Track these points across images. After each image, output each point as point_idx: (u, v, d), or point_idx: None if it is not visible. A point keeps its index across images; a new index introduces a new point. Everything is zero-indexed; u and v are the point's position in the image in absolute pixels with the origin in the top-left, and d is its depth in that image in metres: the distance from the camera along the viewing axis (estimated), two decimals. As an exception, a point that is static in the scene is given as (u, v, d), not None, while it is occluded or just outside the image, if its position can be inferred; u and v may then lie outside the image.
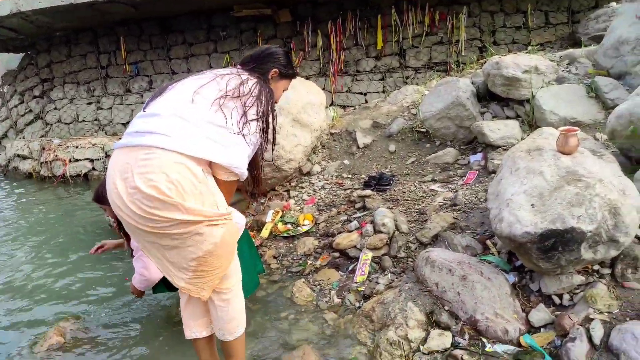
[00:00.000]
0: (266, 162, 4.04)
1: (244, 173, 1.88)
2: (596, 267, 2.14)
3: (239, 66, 2.05)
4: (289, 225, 3.75)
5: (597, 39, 5.01)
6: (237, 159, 1.83)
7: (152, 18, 8.74)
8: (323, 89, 7.57)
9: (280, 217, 3.93)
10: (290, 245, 3.56)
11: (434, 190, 3.81)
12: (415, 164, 4.57)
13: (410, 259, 2.90)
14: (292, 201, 4.27)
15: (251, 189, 2.18)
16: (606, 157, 2.44)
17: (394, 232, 3.18)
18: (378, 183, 4.12)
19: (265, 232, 3.73)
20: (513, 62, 4.25)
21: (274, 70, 2.10)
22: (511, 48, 7.41)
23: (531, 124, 4.07)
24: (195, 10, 8.11)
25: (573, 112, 3.88)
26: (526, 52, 5.93)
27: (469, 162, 4.20)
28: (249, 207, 4.31)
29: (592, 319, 1.90)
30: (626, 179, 2.20)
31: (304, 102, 4.54)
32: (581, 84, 4.18)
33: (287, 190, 4.51)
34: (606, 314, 1.91)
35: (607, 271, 2.11)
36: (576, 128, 2.39)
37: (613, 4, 6.16)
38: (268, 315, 2.74)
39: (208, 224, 1.76)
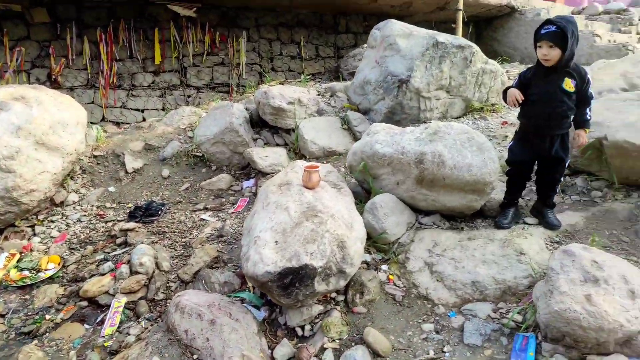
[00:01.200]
0: (-5, 195, 3.29)
1: None
2: (334, 294, 2.34)
3: None
4: (26, 272, 3.09)
5: (354, 75, 5.73)
6: None
7: None
8: (92, 102, 6.74)
9: (17, 262, 3.23)
10: (26, 297, 2.94)
11: (204, 219, 3.70)
12: (189, 190, 4.39)
13: (169, 301, 2.69)
14: (36, 239, 3.57)
15: None
16: (344, 190, 2.73)
17: (153, 272, 2.93)
18: (145, 214, 3.79)
19: (-9, 284, 3.00)
20: (279, 93, 4.51)
21: None
22: (288, 75, 7.96)
23: (296, 152, 4.37)
24: None
25: (330, 142, 4.32)
26: (299, 81, 6.45)
27: (242, 188, 4.24)
28: (-28, 251, 3.42)
29: (326, 348, 2.05)
30: (356, 212, 2.48)
31: (52, 120, 3.87)
32: (337, 117, 4.70)
33: (32, 226, 3.76)
34: (337, 341, 2.09)
35: (341, 298, 2.33)
36: (317, 165, 2.61)
37: (365, 45, 7.20)
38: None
39: None
